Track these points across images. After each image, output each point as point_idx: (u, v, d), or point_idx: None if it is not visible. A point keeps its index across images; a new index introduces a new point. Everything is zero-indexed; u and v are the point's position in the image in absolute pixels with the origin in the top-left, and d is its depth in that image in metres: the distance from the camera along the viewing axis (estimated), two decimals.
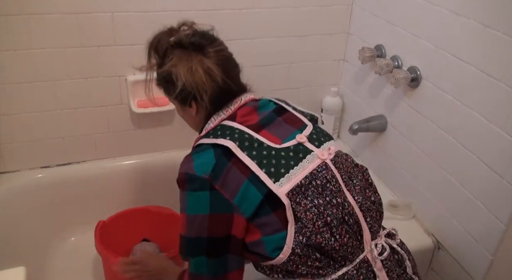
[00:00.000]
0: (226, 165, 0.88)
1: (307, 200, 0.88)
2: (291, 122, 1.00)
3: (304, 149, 0.93)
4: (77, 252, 1.68)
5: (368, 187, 0.99)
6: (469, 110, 1.21)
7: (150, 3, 1.47)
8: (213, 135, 0.93)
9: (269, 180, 0.86)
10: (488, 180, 1.18)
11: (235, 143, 0.89)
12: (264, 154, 0.89)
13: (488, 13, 1.12)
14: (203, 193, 0.87)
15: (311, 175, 0.90)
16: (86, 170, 1.66)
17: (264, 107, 1.02)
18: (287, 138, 0.95)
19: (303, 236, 0.87)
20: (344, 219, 0.90)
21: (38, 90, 1.48)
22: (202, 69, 0.94)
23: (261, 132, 0.94)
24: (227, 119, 0.97)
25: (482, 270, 1.24)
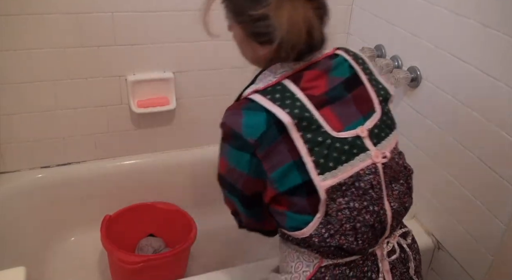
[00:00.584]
0: (275, 138, 0.80)
1: (343, 200, 0.83)
2: (360, 102, 0.88)
3: (361, 145, 0.84)
4: (77, 252, 1.68)
5: (407, 192, 0.93)
6: (469, 110, 1.21)
7: (150, 3, 1.47)
8: (271, 96, 0.81)
9: (315, 170, 0.80)
10: (488, 180, 1.18)
11: (294, 120, 0.79)
12: (319, 141, 0.80)
13: (488, 13, 1.12)
14: (245, 154, 0.82)
15: (357, 176, 0.83)
16: (86, 170, 1.66)
17: (338, 69, 0.88)
18: (349, 125, 0.85)
19: (327, 232, 0.84)
20: (374, 225, 0.87)
21: (38, 90, 1.48)
22: (305, 23, 0.80)
23: (324, 109, 0.83)
24: (291, 78, 0.84)
25: (482, 270, 1.24)
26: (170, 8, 1.50)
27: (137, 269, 1.36)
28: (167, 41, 1.55)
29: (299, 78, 0.84)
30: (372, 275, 0.91)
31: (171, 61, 1.59)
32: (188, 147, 1.78)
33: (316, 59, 0.87)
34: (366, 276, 0.91)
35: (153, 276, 1.40)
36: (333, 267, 0.90)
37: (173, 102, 1.63)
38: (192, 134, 1.76)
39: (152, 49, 1.55)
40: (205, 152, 1.77)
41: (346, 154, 0.82)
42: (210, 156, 1.34)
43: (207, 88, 1.69)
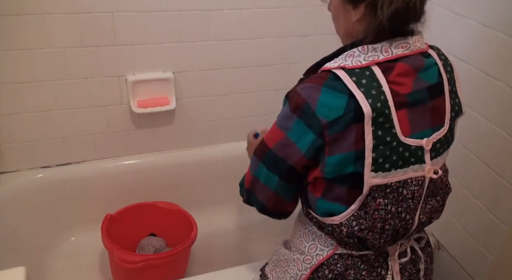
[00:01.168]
0: (349, 125, 0.76)
1: (383, 201, 0.83)
2: (435, 113, 0.85)
3: (420, 157, 0.84)
4: (77, 252, 1.68)
5: (439, 209, 0.96)
6: (469, 110, 1.21)
7: (150, 3, 1.47)
8: (357, 79, 0.76)
9: (369, 166, 0.78)
10: (488, 180, 1.18)
11: (373, 113, 0.75)
12: (386, 141, 0.78)
13: (488, 13, 1.12)
14: (310, 133, 0.79)
15: (404, 183, 0.83)
16: (86, 170, 1.66)
17: (427, 72, 0.84)
18: (417, 132, 0.82)
19: (358, 225, 0.85)
20: (399, 230, 0.88)
21: (38, 90, 1.48)
22: None
23: (401, 111, 0.79)
24: (380, 66, 0.78)
25: (482, 270, 1.24)
26: (170, 8, 1.50)
27: (138, 268, 1.36)
28: (167, 41, 1.55)
29: (390, 69, 0.79)
30: (382, 271, 0.93)
31: (171, 61, 1.59)
32: (188, 147, 1.78)
33: (410, 52, 0.81)
34: (375, 271, 0.93)
35: (154, 275, 1.41)
36: (347, 256, 0.92)
37: (173, 102, 1.63)
38: (192, 134, 1.76)
39: (152, 49, 1.55)
40: (205, 152, 1.77)
41: (403, 160, 0.81)
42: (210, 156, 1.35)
43: (207, 88, 1.69)
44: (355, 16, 0.81)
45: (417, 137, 0.82)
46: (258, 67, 1.72)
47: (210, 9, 1.54)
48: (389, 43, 0.79)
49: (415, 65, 0.81)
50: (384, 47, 0.79)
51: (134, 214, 1.58)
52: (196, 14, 1.54)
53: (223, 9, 1.56)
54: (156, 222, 1.63)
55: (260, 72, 1.73)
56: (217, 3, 1.54)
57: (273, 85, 1.77)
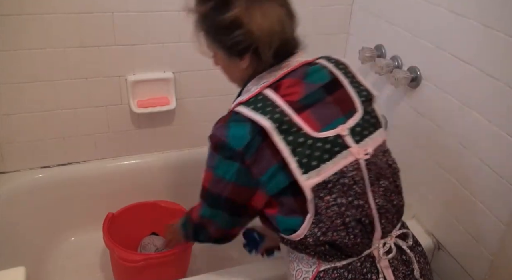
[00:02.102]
0: (260, 144, 0.86)
1: (331, 197, 0.86)
2: (340, 103, 0.92)
3: (342, 143, 0.88)
4: (77, 252, 1.68)
5: (394, 190, 0.96)
6: (469, 110, 1.21)
7: (150, 3, 1.47)
8: (254, 106, 0.87)
9: (298, 170, 0.84)
10: (488, 180, 1.18)
11: (274, 124, 0.84)
12: (300, 142, 0.85)
13: (488, 13, 1.12)
14: (233, 163, 0.88)
15: (341, 173, 0.87)
16: (86, 170, 1.66)
17: (314, 76, 0.93)
18: (328, 125, 0.89)
19: (319, 230, 0.87)
20: (361, 220, 0.89)
21: (38, 90, 1.48)
22: (276, 17, 0.86)
23: (302, 113, 0.88)
24: (270, 87, 0.90)
25: (482, 270, 1.24)
26: (170, 8, 1.50)
27: (138, 267, 1.36)
28: (167, 41, 1.55)
29: (278, 87, 0.89)
30: (372, 276, 0.92)
31: (171, 61, 1.59)
32: (188, 147, 1.78)
33: (291, 68, 0.92)
34: (366, 278, 0.92)
35: (155, 274, 1.41)
36: (332, 270, 0.92)
37: (173, 102, 1.63)
38: (192, 134, 1.76)
39: (152, 49, 1.55)
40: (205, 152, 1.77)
41: (328, 153, 0.87)
42: None
43: (207, 88, 1.69)
44: (243, 65, 0.92)
45: (330, 128, 0.89)
46: None
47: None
48: (272, 69, 0.91)
49: (298, 75, 0.91)
50: (269, 73, 0.91)
51: (136, 213, 1.58)
52: None
53: None
54: (158, 221, 1.63)
55: None
56: None
57: None
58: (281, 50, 0.90)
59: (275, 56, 0.89)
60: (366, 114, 0.94)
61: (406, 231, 0.99)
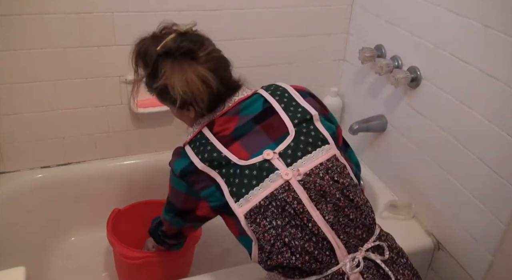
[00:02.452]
0: (196, 172, 0.98)
1: (266, 221, 0.90)
2: (270, 129, 0.98)
3: (269, 167, 0.92)
4: (77, 252, 1.68)
5: (348, 205, 0.94)
6: (469, 110, 1.21)
7: (150, 3, 1.47)
8: (194, 145, 1.00)
9: (231, 199, 0.93)
10: (488, 180, 1.18)
11: (205, 163, 0.96)
12: (231, 173, 0.94)
13: (488, 13, 1.12)
14: (180, 181, 1.01)
15: (271, 196, 0.91)
16: (86, 170, 1.66)
17: (248, 109, 1.01)
18: (256, 152, 0.95)
19: (264, 255, 0.92)
20: (305, 238, 0.90)
21: (38, 90, 1.48)
22: (198, 78, 0.95)
23: (231, 146, 0.96)
24: (207, 126, 1.01)
25: (482, 270, 1.24)
26: (170, 8, 1.50)
27: (138, 264, 1.36)
28: None
29: (212, 125, 1.00)
30: None
31: None
32: None
33: (227, 109, 1.01)
34: None
35: (156, 272, 1.40)
36: None
37: None
38: None
39: None
40: None
41: (256, 178, 0.92)
42: None
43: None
44: (191, 114, 1.04)
45: (257, 155, 0.95)
46: (258, 67, 1.71)
47: (210, 9, 1.54)
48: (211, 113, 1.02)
49: (233, 112, 1.00)
50: (208, 116, 1.02)
51: (141, 211, 1.57)
52: (196, 14, 1.54)
53: (223, 9, 1.56)
54: None
55: (260, 72, 1.73)
56: (217, 3, 1.54)
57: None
58: (215, 100, 1.00)
59: (210, 107, 1.00)
60: (302, 135, 0.97)
61: (380, 244, 0.95)
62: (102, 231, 1.71)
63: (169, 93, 0.96)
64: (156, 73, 0.97)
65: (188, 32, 1.00)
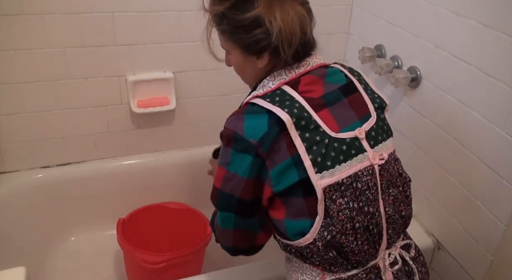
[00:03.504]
0: (276, 136, 0.82)
1: (343, 201, 0.84)
2: (356, 106, 0.91)
3: (359, 146, 0.87)
4: (77, 252, 1.68)
5: (404, 200, 0.94)
6: (469, 110, 1.21)
7: (150, 3, 1.47)
8: (271, 99, 0.85)
9: (312, 169, 0.82)
10: (488, 180, 1.18)
11: (292, 119, 0.82)
12: (317, 140, 0.83)
13: (488, 13, 1.12)
14: (247, 156, 0.83)
15: (355, 176, 0.85)
16: (86, 170, 1.66)
17: (333, 77, 0.92)
18: (346, 127, 0.87)
19: (329, 233, 0.85)
20: (368, 227, 0.88)
21: (38, 90, 1.48)
22: (297, 16, 0.84)
23: (321, 111, 0.86)
24: (288, 83, 0.88)
25: (482, 270, 1.24)
26: (170, 8, 1.50)
27: (159, 268, 1.37)
28: (167, 41, 1.55)
29: (297, 83, 0.88)
30: None
31: (171, 61, 1.59)
32: (188, 147, 1.78)
33: (311, 68, 0.90)
34: None
35: (174, 275, 1.40)
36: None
37: (173, 102, 1.63)
38: (192, 134, 1.76)
39: (152, 49, 1.55)
40: (205, 152, 1.77)
41: (344, 154, 0.84)
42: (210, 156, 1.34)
43: (207, 88, 1.69)
44: (261, 64, 0.90)
45: (348, 129, 0.87)
46: None
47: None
48: (290, 67, 0.90)
49: (319, 73, 0.91)
50: (287, 70, 0.89)
51: (145, 216, 1.58)
52: (196, 14, 1.53)
53: None
54: (167, 222, 1.63)
55: None
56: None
57: None
58: (301, 49, 0.88)
59: (294, 56, 0.87)
60: (380, 120, 0.93)
61: (409, 242, 0.98)
62: (102, 231, 1.72)
63: (252, 31, 0.84)
64: (248, 2, 0.84)
65: None
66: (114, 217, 1.53)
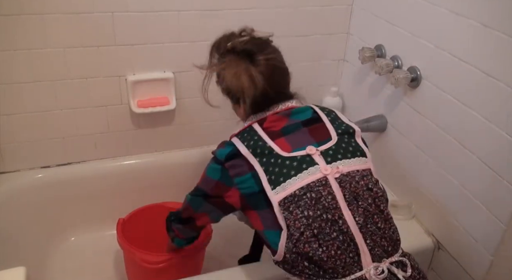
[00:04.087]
0: (237, 155, 1.03)
1: (298, 210, 0.94)
2: (315, 133, 1.05)
3: (310, 161, 0.98)
4: (77, 252, 1.68)
5: (378, 214, 0.98)
6: (469, 110, 1.21)
7: (150, 3, 1.47)
8: (241, 136, 1.06)
9: (268, 186, 0.97)
10: (488, 180, 1.18)
11: (249, 149, 1.01)
12: (271, 162, 0.99)
13: (488, 13, 1.12)
14: (217, 166, 1.06)
15: (307, 187, 0.95)
16: (86, 170, 1.66)
17: (298, 114, 1.08)
18: (299, 147, 1.01)
19: (291, 243, 0.94)
20: (332, 235, 0.93)
21: (38, 90, 1.48)
22: (247, 76, 1.04)
23: (277, 140, 1.02)
24: (257, 121, 1.08)
25: (482, 270, 1.24)
26: (170, 8, 1.50)
27: (159, 268, 1.36)
28: (167, 41, 1.55)
29: (263, 120, 1.08)
30: None
31: (171, 61, 1.59)
32: (188, 147, 1.78)
33: (279, 110, 1.08)
34: None
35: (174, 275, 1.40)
36: None
37: (173, 102, 1.63)
38: (192, 134, 1.76)
39: (152, 49, 1.55)
40: (205, 152, 1.77)
41: (295, 169, 0.97)
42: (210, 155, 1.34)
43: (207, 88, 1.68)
44: (241, 109, 1.12)
45: (300, 149, 1.01)
46: None
47: (210, 9, 1.54)
48: (264, 111, 1.09)
49: (285, 113, 1.08)
50: (260, 113, 1.10)
51: (145, 216, 1.57)
52: (196, 14, 1.54)
53: (223, 9, 1.56)
54: None
55: None
56: (217, 3, 1.54)
57: None
58: (259, 102, 1.07)
59: (254, 106, 1.08)
60: (343, 143, 1.04)
61: (404, 260, 0.97)
62: (102, 231, 1.72)
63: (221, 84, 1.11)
64: (219, 64, 1.10)
65: (260, 39, 1.12)
66: (114, 217, 1.53)
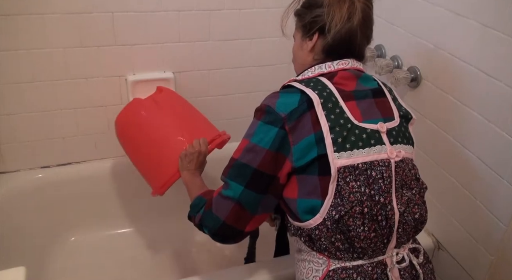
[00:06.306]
0: (304, 112, 0.90)
1: (356, 184, 0.88)
2: (382, 107, 0.98)
3: (378, 138, 0.92)
4: (77, 252, 1.68)
5: (419, 204, 0.97)
6: (469, 110, 1.21)
7: (150, 3, 1.47)
8: (306, 83, 0.94)
9: (331, 147, 0.87)
10: (488, 180, 1.18)
11: (321, 99, 0.90)
12: (340, 123, 0.90)
13: (488, 13, 1.12)
14: (273, 128, 0.90)
15: (371, 164, 0.90)
16: (86, 170, 1.66)
17: (366, 81, 1.00)
18: (369, 120, 0.93)
19: (337, 213, 0.88)
20: (378, 217, 0.90)
21: (38, 90, 1.48)
22: (349, 3, 0.96)
23: (349, 102, 0.93)
24: (325, 75, 0.97)
25: (482, 270, 1.24)
26: (170, 8, 1.50)
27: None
28: (167, 41, 1.55)
29: (333, 75, 0.96)
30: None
31: (171, 61, 1.59)
32: None
33: (349, 67, 0.98)
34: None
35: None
36: (341, 270, 0.92)
37: None
38: None
39: (152, 49, 1.55)
40: None
41: (363, 142, 0.90)
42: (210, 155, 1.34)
43: (207, 88, 1.69)
44: (310, 45, 1.00)
45: (371, 122, 0.93)
46: (258, 67, 1.72)
47: (210, 9, 1.54)
48: (331, 62, 0.98)
49: (355, 73, 0.98)
50: (327, 64, 0.98)
51: None
52: (196, 14, 1.54)
53: (223, 9, 1.56)
54: None
55: (260, 72, 1.73)
56: (217, 3, 1.54)
57: (273, 85, 1.76)
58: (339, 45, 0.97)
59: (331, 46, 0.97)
60: (402, 127, 0.99)
61: (419, 247, 1.00)
62: (102, 231, 1.72)
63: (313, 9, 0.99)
64: None
65: None
66: (114, 217, 1.54)
